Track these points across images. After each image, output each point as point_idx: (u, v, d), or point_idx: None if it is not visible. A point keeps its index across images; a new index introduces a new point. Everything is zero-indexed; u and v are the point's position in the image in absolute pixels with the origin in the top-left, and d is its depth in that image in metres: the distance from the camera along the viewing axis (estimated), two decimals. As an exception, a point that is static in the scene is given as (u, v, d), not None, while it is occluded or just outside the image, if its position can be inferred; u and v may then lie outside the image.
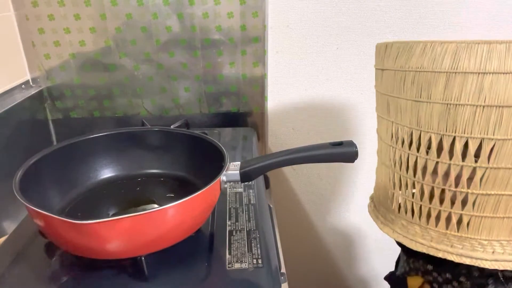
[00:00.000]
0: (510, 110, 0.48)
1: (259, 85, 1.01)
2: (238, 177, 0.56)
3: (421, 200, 0.59)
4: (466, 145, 0.52)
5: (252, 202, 0.67)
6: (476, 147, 0.52)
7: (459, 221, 0.56)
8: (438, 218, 0.58)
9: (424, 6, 0.95)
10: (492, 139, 0.50)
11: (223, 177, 0.55)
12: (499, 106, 0.48)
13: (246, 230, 0.60)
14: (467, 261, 0.53)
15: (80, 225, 0.44)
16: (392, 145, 0.62)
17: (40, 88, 0.97)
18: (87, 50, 0.95)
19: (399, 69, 0.57)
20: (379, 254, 1.29)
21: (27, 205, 0.47)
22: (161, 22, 0.93)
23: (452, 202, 0.56)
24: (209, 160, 0.61)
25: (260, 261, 0.53)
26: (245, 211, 0.64)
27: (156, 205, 0.62)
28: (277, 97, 1.05)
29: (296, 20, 0.97)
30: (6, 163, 0.80)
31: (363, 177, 1.16)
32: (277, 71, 1.02)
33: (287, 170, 1.15)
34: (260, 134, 1.07)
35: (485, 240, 0.54)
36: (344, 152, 0.55)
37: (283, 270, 0.68)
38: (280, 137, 1.10)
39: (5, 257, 0.55)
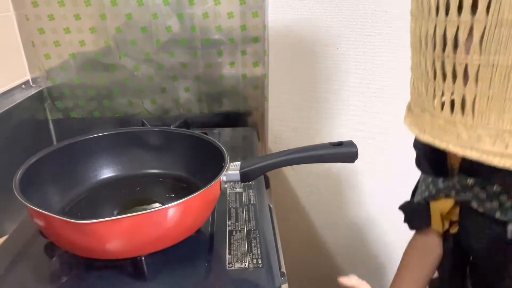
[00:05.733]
0: None
1: (259, 85, 1.01)
2: (238, 177, 0.56)
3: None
4: None
5: (252, 202, 0.67)
6: None
7: (464, 104, 0.41)
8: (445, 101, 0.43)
9: (424, 6, 0.95)
10: None
11: (223, 177, 0.55)
12: None
13: (246, 230, 0.60)
14: (473, 155, 0.40)
15: (80, 225, 0.44)
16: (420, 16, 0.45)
17: (40, 88, 0.97)
18: (87, 50, 0.95)
19: None
20: (380, 254, 1.28)
21: (27, 205, 0.47)
22: (161, 22, 0.93)
23: (454, 77, 0.41)
24: (209, 160, 0.60)
25: (260, 261, 0.53)
26: (245, 211, 0.64)
27: (156, 205, 0.62)
28: (277, 97, 1.05)
29: (296, 20, 0.97)
30: (6, 163, 0.80)
31: (363, 177, 1.16)
32: (277, 71, 1.02)
33: (287, 170, 1.15)
34: (260, 134, 1.07)
35: (494, 128, 0.39)
36: (344, 152, 0.55)
37: (283, 270, 0.68)
38: (280, 137, 1.10)
39: (5, 257, 0.55)
